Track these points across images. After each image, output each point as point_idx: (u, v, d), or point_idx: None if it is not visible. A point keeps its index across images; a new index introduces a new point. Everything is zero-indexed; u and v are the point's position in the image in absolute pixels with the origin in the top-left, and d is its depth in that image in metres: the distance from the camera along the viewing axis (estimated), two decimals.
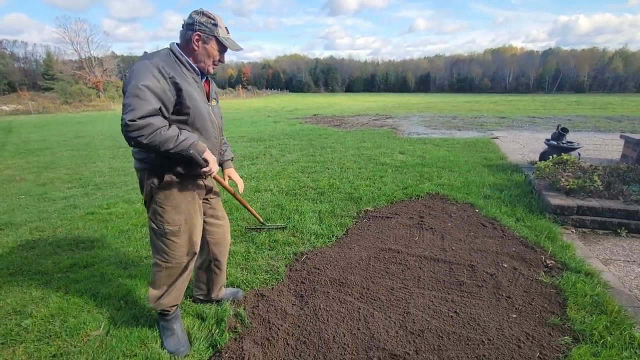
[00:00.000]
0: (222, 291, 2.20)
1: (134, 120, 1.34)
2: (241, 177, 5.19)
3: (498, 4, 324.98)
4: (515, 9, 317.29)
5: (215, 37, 1.59)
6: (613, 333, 1.85)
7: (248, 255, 2.80)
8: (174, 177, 1.64)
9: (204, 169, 1.57)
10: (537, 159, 5.42)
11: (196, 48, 1.59)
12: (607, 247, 2.97)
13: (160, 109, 1.43)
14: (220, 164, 1.99)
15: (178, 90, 1.49)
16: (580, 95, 47.38)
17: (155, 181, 1.64)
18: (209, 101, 1.70)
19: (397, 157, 5.92)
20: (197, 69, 1.62)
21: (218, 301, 2.18)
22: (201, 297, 2.17)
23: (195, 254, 1.83)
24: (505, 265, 2.55)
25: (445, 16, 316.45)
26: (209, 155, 1.56)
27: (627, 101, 25.97)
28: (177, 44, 1.63)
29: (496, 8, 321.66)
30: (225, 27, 1.62)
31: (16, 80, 54.97)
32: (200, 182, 1.77)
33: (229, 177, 2.03)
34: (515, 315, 2.02)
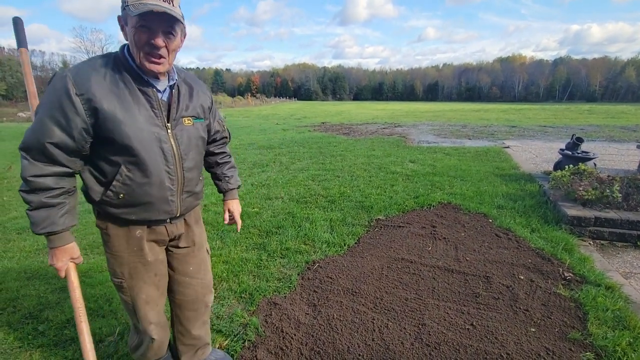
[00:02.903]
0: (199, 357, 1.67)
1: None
2: (252, 185, 5.21)
3: (508, 14, 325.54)
4: (525, 19, 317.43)
5: (125, 8, 1.07)
6: (637, 350, 1.79)
7: (260, 263, 2.80)
8: (109, 223, 1.27)
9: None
10: (550, 168, 5.34)
11: (126, 39, 1.14)
12: (627, 260, 2.89)
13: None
14: (223, 192, 1.64)
15: (93, 110, 1.08)
16: (592, 105, 46.74)
17: (97, 220, 1.30)
18: (168, 122, 1.21)
19: (407, 166, 5.90)
20: (145, 76, 1.16)
21: None
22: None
23: (151, 324, 1.39)
24: (522, 277, 2.50)
25: (455, 26, 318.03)
26: (57, 255, 1.18)
27: None
28: None
29: (506, 18, 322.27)
30: None
31: None
32: (157, 227, 1.31)
33: (229, 210, 1.64)
34: (534, 330, 1.97)
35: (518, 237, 3.16)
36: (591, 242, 3.19)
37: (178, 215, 1.33)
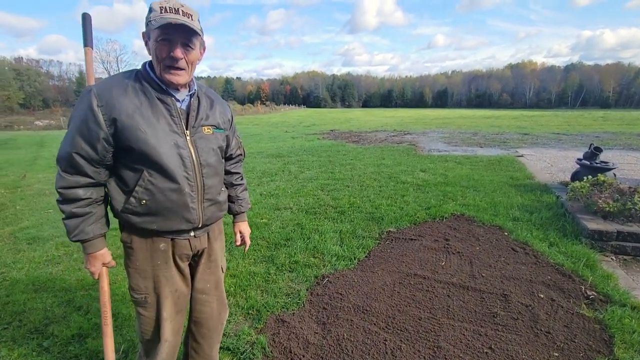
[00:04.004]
0: None
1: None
2: (260, 194, 5.18)
3: (518, 20, 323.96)
4: (535, 25, 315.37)
5: (147, 24, 1.14)
6: None
7: (268, 277, 2.74)
8: (133, 236, 1.28)
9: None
10: (567, 179, 5.18)
11: (150, 54, 1.21)
12: None
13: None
14: (234, 215, 1.63)
15: (112, 120, 1.14)
16: (606, 111, 45.84)
17: (122, 234, 1.32)
18: (187, 129, 1.26)
19: (418, 175, 5.80)
20: (165, 86, 1.22)
21: None
22: None
23: (167, 341, 1.38)
24: (542, 296, 2.38)
25: (464, 32, 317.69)
26: (90, 260, 1.27)
27: None
28: None
29: (515, 24, 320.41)
30: (169, 7, 1.13)
31: (50, 97, 58.36)
32: (181, 241, 1.33)
33: (240, 232, 1.66)
34: (557, 354, 1.86)
35: (536, 251, 3.03)
36: (613, 258, 3.04)
37: (200, 225, 1.33)
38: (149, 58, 1.24)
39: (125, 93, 1.16)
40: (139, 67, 1.27)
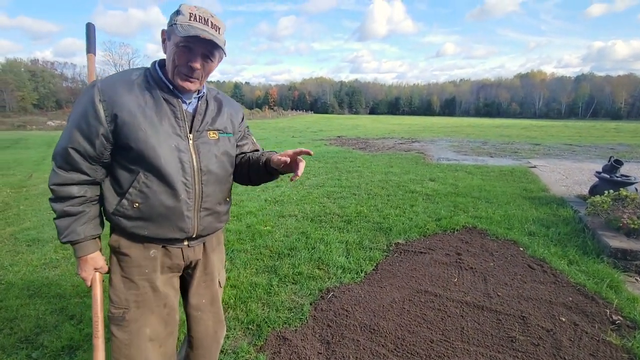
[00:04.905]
0: None
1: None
2: (265, 201, 5.07)
3: (527, 30, 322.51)
4: (545, 35, 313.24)
5: (172, 25, 1.08)
6: None
7: (270, 289, 2.61)
8: (122, 239, 1.19)
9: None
10: (583, 191, 4.98)
11: (165, 53, 1.16)
12: None
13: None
14: (266, 162, 1.28)
15: (113, 116, 1.08)
16: (618, 122, 45.12)
17: (111, 237, 1.22)
18: (190, 132, 1.17)
19: (427, 185, 5.64)
20: (173, 86, 1.15)
21: None
22: None
23: None
24: (564, 319, 2.21)
25: (473, 42, 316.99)
26: (82, 265, 1.17)
27: None
28: None
29: (525, 34, 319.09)
30: (198, 16, 1.06)
31: (63, 99, 59.45)
32: (173, 249, 1.22)
33: (287, 158, 1.20)
34: None
35: (554, 269, 2.85)
36: (638, 278, 2.85)
37: (195, 235, 1.23)
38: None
39: (130, 90, 1.11)
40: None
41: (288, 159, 1.18)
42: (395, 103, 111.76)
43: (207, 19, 1.08)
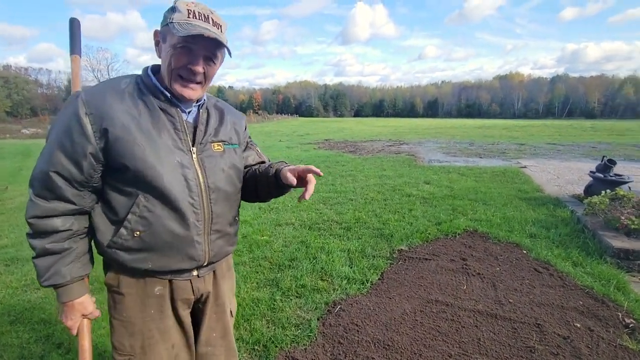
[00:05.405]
0: None
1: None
2: (259, 208, 4.90)
3: (503, 33, 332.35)
4: (521, 38, 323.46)
5: (168, 25, 0.94)
6: None
7: (274, 305, 2.47)
8: (121, 277, 1.03)
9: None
10: (576, 191, 5.05)
11: (159, 56, 1.02)
12: None
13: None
14: (276, 174, 1.13)
15: (103, 131, 0.92)
16: (594, 121, 46.92)
17: (107, 275, 1.07)
18: (193, 145, 1.03)
19: (423, 188, 5.60)
20: (170, 94, 1.00)
21: None
22: None
23: None
24: (578, 325, 2.17)
25: (454, 44, 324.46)
26: (66, 312, 1.01)
27: None
28: None
29: (502, 37, 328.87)
30: (198, 12, 0.94)
31: (38, 106, 57.31)
32: (181, 282, 1.07)
33: (297, 174, 1.06)
34: None
35: (560, 272, 2.83)
36: None
37: (206, 263, 1.08)
38: (142, 67, 1.05)
39: (120, 100, 0.95)
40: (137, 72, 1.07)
41: (294, 181, 1.04)
42: (379, 105, 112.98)
43: (208, 16, 0.95)
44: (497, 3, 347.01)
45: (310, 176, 1.06)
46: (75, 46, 1.24)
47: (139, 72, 1.05)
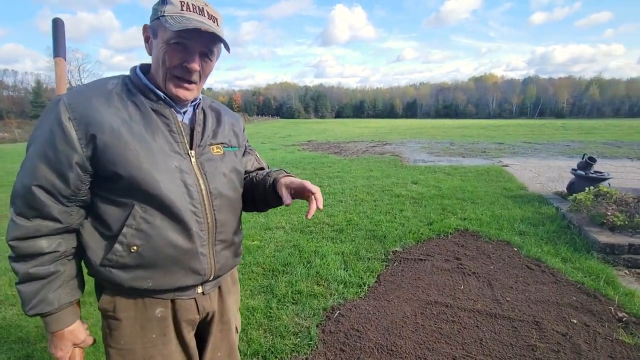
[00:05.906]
0: None
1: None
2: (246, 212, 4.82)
3: (478, 36, 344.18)
4: (494, 40, 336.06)
5: (158, 18, 0.86)
6: None
7: (270, 312, 2.38)
8: (117, 300, 0.93)
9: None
10: (557, 188, 5.21)
11: (149, 54, 0.94)
12: None
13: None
14: (273, 184, 1.05)
15: (90, 138, 0.83)
16: (563, 121, 49.15)
17: (101, 299, 0.96)
18: (191, 149, 0.95)
19: (411, 188, 5.64)
20: (163, 94, 0.92)
21: None
22: None
23: None
24: (575, 321, 2.20)
25: (431, 47, 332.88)
26: (55, 342, 0.90)
27: (610, 126, 26.90)
28: None
29: (476, 40, 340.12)
30: (191, 4, 0.86)
31: (4, 109, 54.27)
32: (184, 301, 0.97)
33: (292, 190, 1.01)
34: None
35: (552, 268, 2.88)
36: (627, 272, 2.95)
37: (212, 277, 0.98)
38: (116, 69, 0.96)
39: (108, 102, 0.86)
40: (104, 76, 0.99)
41: (290, 202, 0.97)
42: (360, 106, 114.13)
43: (203, 8, 0.88)
44: (472, 7, 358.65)
45: (311, 197, 0.98)
46: (59, 48, 1.16)
47: (119, 73, 0.98)
